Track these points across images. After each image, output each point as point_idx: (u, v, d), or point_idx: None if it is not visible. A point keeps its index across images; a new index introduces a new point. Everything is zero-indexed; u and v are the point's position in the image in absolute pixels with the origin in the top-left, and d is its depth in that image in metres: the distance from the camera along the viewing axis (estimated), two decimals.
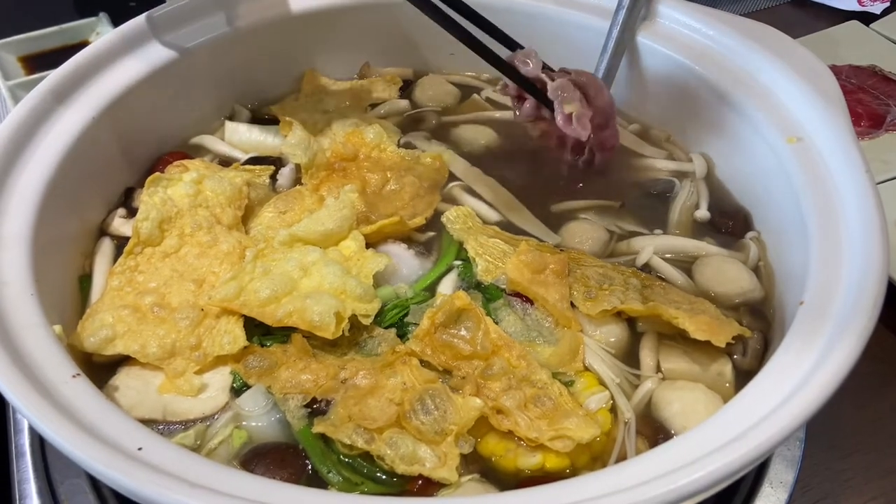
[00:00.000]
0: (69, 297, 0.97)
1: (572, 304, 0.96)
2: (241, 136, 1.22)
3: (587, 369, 0.91)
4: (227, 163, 1.16)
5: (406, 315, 0.95)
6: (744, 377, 0.90)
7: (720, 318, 0.94)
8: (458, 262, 1.03)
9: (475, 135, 1.25)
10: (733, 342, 0.91)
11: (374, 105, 1.31)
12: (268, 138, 1.21)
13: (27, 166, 0.94)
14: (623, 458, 0.83)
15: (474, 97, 1.34)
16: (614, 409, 0.87)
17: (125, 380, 0.88)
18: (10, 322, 0.78)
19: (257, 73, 1.29)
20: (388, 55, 1.37)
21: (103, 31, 1.62)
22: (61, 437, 0.66)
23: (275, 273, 0.93)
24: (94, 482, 0.91)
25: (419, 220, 1.07)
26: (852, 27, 1.78)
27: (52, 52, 1.60)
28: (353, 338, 0.92)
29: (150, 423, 0.85)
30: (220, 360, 0.89)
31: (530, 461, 0.81)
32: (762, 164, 1.06)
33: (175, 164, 1.10)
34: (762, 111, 1.06)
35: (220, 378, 0.89)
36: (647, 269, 1.04)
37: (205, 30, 1.18)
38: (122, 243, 1.02)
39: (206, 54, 1.18)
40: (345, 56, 1.35)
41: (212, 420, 0.86)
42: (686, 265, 1.05)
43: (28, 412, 0.68)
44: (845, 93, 1.02)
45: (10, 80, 1.50)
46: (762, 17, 1.80)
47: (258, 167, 1.14)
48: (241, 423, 0.86)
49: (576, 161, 1.15)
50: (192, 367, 0.88)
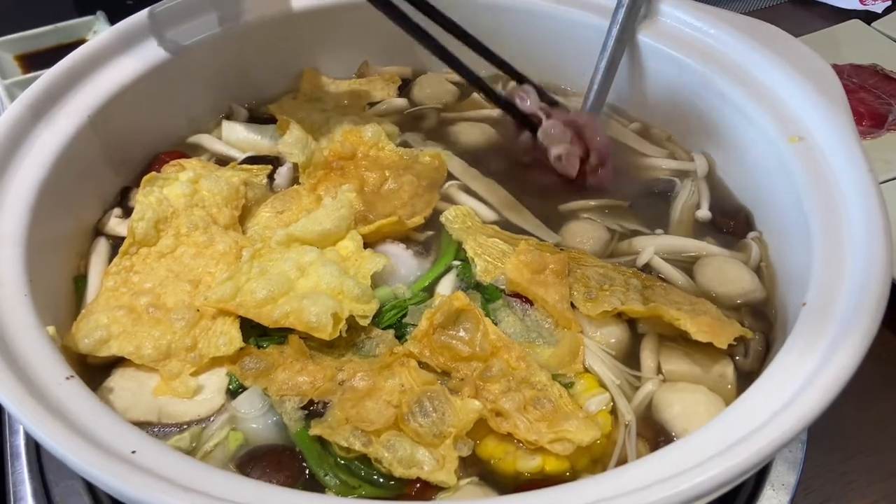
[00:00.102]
0: (64, 297, 0.96)
1: (572, 305, 0.95)
2: (238, 135, 1.21)
3: (587, 371, 0.90)
4: (224, 162, 1.16)
5: (404, 316, 0.95)
6: (745, 378, 0.90)
7: (722, 320, 0.93)
8: (457, 263, 1.02)
9: (474, 133, 1.24)
10: (735, 343, 0.91)
11: (372, 104, 1.30)
12: (265, 138, 1.20)
13: (22, 165, 0.94)
14: (623, 460, 0.82)
15: (473, 96, 1.33)
16: (615, 412, 0.86)
17: (120, 381, 0.87)
18: (2, 323, 0.78)
19: (255, 72, 1.28)
20: (387, 54, 1.36)
21: (100, 30, 1.61)
22: (53, 439, 0.66)
23: (271, 273, 0.92)
24: (90, 484, 0.91)
25: (418, 220, 1.06)
26: (854, 26, 1.78)
27: (49, 51, 1.59)
28: (350, 339, 0.91)
29: (145, 425, 0.84)
30: (215, 362, 0.89)
31: (530, 464, 0.80)
32: (764, 163, 1.06)
33: (171, 163, 1.09)
34: (763, 110, 1.06)
35: (216, 380, 0.88)
36: (647, 269, 1.03)
37: (202, 28, 1.17)
38: (117, 243, 1.01)
39: (204, 53, 1.18)
40: (343, 55, 1.34)
41: (207, 422, 0.85)
42: (687, 265, 1.04)
43: (20, 414, 0.68)
44: (847, 92, 1.01)
45: (7, 79, 1.49)
46: (763, 15, 1.79)
47: (255, 166, 1.13)
48: (238, 425, 0.85)
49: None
50: (188, 369, 0.88)
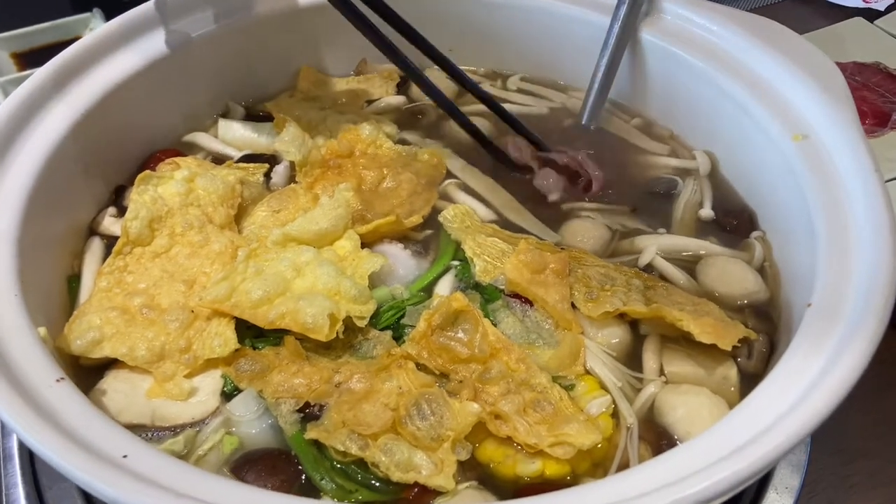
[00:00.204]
0: (57, 297, 0.95)
1: (573, 305, 0.94)
2: (234, 133, 1.20)
3: (588, 373, 0.89)
4: (220, 160, 1.15)
5: (402, 317, 0.94)
6: (749, 381, 0.89)
7: (725, 321, 0.92)
8: (456, 263, 1.01)
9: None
10: (738, 345, 0.89)
11: (370, 101, 1.29)
12: (262, 136, 1.19)
13: (15, 162, 0.93)
14: (625, 464, 0.81)
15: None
16: (616, 414, 0.85)
17: (113, 383, 0.86)
18: None
19: (254, 69, 1.27)
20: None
21: (96, 27, 1.60)
22: (42, 443, 0.65)
23: (267, 273, 0.91)
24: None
25: (416, 219, 1.05)
26: (857, 24, 1.77)
27: (45, 49, 1.59)
28: (347, 340, 0.90)
29: (138, 428, 0.83)
30: (210, 364, 0.88)
31: (529, 468, 0.79)
32: (767, 161, 1.04)
33: (167, 161, 1.08)
34: (767, 108, 1.05)
35: (211, 382, 0.87)
36: (649, 269, 1.02)
37: (199, 25, 1.16)
38: (112, 243, 1.00)
39: (200, 50, 1.17)
40: (341, 52, 1.33)
41: (202, 425, 0.84)
42: (689, 265, 1.03)
43: (9, 417, 0.67)
44: (850, 90, 1.00)
45: (2, 77, 1.48)
46: (765, 13, 1.75)
47: (252, 165, 1.13)
48: (232, 428, 0.84)
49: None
50: (182, 371, 0.87)
